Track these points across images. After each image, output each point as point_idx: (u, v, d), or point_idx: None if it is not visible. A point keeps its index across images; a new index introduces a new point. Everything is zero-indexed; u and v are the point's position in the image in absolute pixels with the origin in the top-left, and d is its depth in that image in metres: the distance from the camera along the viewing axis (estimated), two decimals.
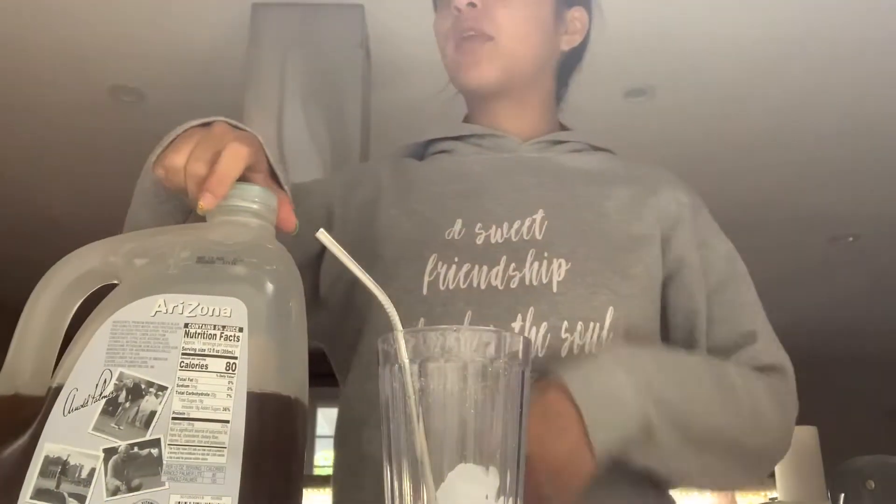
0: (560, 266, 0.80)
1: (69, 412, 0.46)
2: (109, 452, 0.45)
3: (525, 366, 0.46)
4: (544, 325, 0.77)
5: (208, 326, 0.47)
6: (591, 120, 2.95)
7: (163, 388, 0.46)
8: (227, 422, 0.46)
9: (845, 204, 3.70)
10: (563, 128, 1.01)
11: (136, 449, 0.45)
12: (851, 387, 6.11)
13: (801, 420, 0.93)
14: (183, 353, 0.47)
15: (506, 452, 0.44)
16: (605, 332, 0.78)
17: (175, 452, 0.45)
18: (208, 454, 0.45)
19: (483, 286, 0.79)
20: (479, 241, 0.82)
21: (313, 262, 0.87)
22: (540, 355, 0.75)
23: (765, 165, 3.34)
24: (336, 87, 2.27)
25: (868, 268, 4.52)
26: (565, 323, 0.77)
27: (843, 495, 1.53)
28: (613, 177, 0.94)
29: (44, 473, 0.45)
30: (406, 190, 0.89)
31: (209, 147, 0.58)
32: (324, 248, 0.73)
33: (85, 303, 0.54)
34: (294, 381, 0.50)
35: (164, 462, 0.45)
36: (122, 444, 0.45)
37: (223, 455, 0.45)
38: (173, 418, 0.46)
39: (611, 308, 0.79)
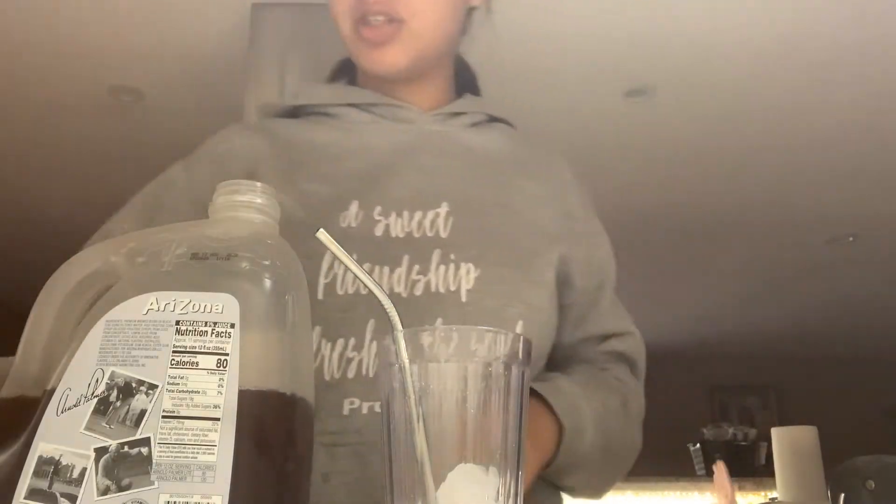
0: (469, 272, 0.74)
1: (62, 412, 0.46)
2: (100, 452, 0.45)
3: (525, 366, 0.46)
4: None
5: (199, 323, 0.47)
6: (591, 120, 2.96)
7: (153, 387, 0.46)
8: (218, 419, 0.45)
9: (845, 204, 3.70)
10: (458, 96, 0.91)
11: (126, 448, 0.45)
12: (851, 387, 6.11)
13: (801, 420, 0.93)
14: (174, 351, 0.46)
15: (506, 452, 0.43)
16: None
17: (165, 451, 0.45)
18: (199, 452, 0.45)
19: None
20: (379, 231, 0.75)
21: None
22: None
23: (764, 165, 3.34)
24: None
25: (868, 268, 4.52)
26: None
27: (842, 495, 1.53)
28: (518, 164, 0.87)
29: (37, 473, 0.45)
30: (292, 166, 0.77)
31: None
32: None
33: None
34: (295, 378, 0.49)
35: (154, 461, 0.44)
36: (112, 444, 0.45)
37: (213, 453, 0.45)
38: (163, 416, 0.45)
39: (521, 322, 0.74)
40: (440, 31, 0.82)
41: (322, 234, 0.48)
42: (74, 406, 0.46)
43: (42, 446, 0.45)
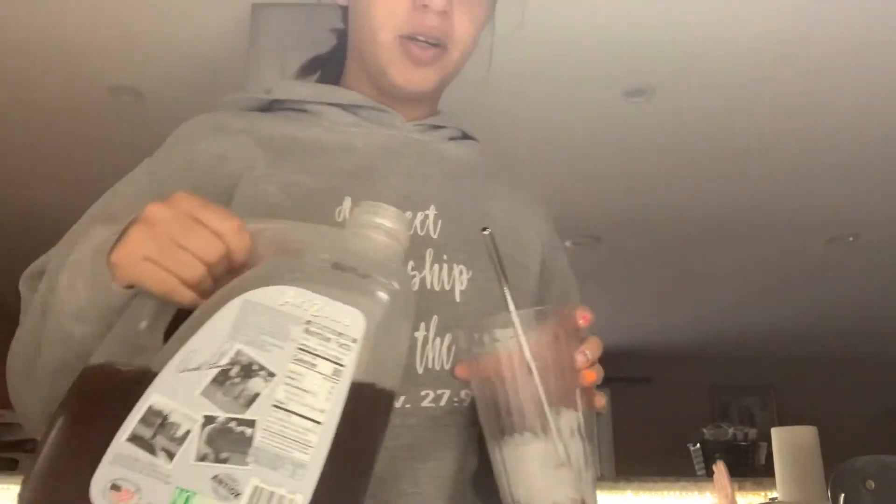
0: (462, 273, 0.75)
1: (183, 371, 0.48)
2: (208, 420, 0.47)
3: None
4: (448, 336, 0.72)
5: (327, 329, 0.49)
6: (591, 120, 2.96)
7: (272, 375, 0.48)
8: (320, 423, 0.47)
9: (845, 204, 3.70)
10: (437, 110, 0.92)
11: (232, 424, 0.46)
12: (851, 387, 6.11)
13: (801, 420, 0.93)
14: (298, 348, 0.48)
15: (575, 393, 0.59)
16: None
17: (266, 438, 0.46)
18: (295, 448, 0.46)
19: None
20: None
21: None
22: (446, 368, 0.71)
23: (764, 165, 3.34)
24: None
25: (868, 268, 4.52)
26: None
27: (842, 495, 1.53)
28: (491, 175, 0.88)
29: (144, 421, 0.46)
30: (280, 159, 0.76)
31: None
32: None
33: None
34: (391, 384, 0.53)
35: (254, 444, 0.46)
36: (222, 416, 0.46)
37: (308, 454, 0.46)
38: (273, 405, 0.47)
39: None
40: (466, 57, 0.83)
41: (488, 235, 0.58)
42: (195, 369, 0.48)
43: (155, 397, 0.47)
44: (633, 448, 5.56)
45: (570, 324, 0.61)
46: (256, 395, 0.47)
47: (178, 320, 0.53)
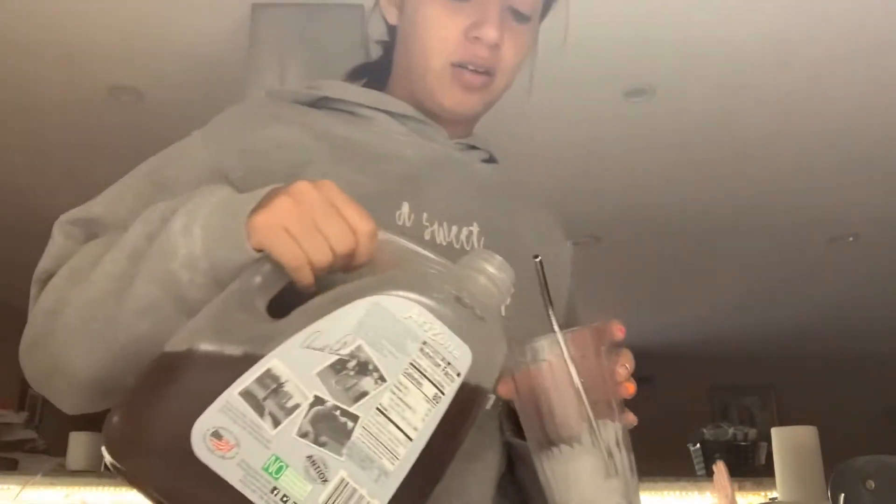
0: None
1: (306, 347, 0.50)
2: (318, 401, 0.48)
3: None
4: None
5: (438, 355, 0.52)
6: (591, 120, 2.95)
7: (383, 379, 0.50)
8: (411, 440, 0.50)
9: (845, 204, 3.70)
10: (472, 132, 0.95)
11: (337, 412, 0.48)
12: (851, 387, 6.11)
13: (801, 420, 0.94)
14: (410, 363, 0.51)
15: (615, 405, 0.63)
16: None
17: (363, 436, 0.48)
18: (385, 456, 0.49)
19: None
20: (427, 235, 0.76)
21: None
22: None
23: (765, 165, 3.34)
24: None
25: (868, 268, 4.52)
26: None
27: (842, 495, 1.53)
28: (515, 194, 0.91)
29: (259, 381, 0.48)
30: (340, 157, 0.77)
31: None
32: None
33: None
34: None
35: (352, 438, 0.48)
36: (331, 401, 0.48)
37: (394, 465, 0.49)
38: (377, 408, 0.49)
39: None
40: (508, 88, 0.86)
41: (538, 263, 0.62)
42: (318, 350, 0.50)
43: (275, 362, 0.48)
44: (632, 447, 5.56)
45: (607, 337, 0.64)
46: (365, 394, 0.49)
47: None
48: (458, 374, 0.52)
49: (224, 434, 0.46)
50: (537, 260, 0.64)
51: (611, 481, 0.60)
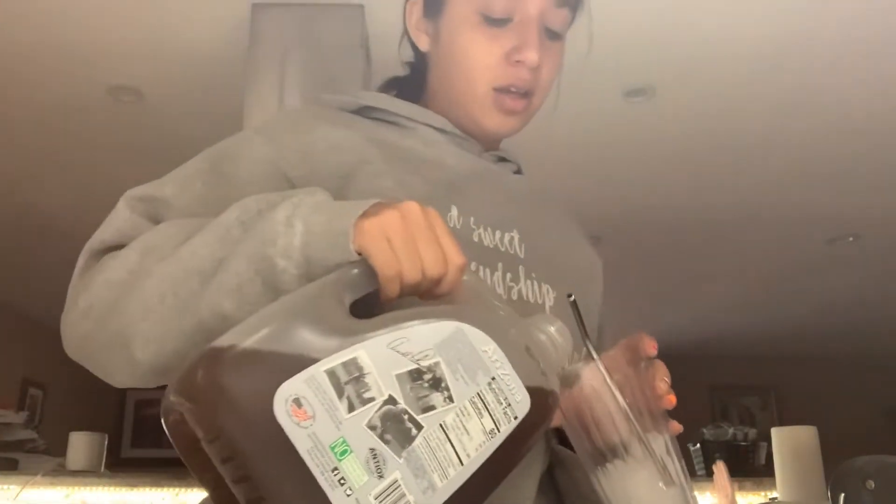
0: (548, 291, 0.81)
1: (391, 348, 0.53)
2: (391, 401, 0.51)
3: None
4: None
5: (502, 394, 0.55)
6: (591, 120, 2.95)
7: (451, 399, 0.53)
8: (461, 465, 0.52)
9: (845, 204, 3.70)
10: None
11: (406, 416, 0.51)
12: (851, 387, 6.11)
13: (801, 420, 0.94)
14: (477, 393, 0.54)
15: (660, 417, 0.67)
16: None
17: (422, 446, 0.51)
18: (436, 472, 0.51)
19: None
20: (475, 238, 0.78)
21: None
22: None
23: (764, 165, 3.34)
24: (336, 87, 2.27)
25: (868, 268, 4.52)
26: None
27: (842, 495, 1.53)
28: (542, 205, 0.94)
29: (345, 365, 0.50)
30: (391, 159, 0.79)
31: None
32: None
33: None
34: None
35: (413, 444, 0.51)
36: (402, 405, 0.51)
37: (441, 483, 0.51)
38: (440, 425, 0.52)
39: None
40: (544, 100, 0.89)
41: (573, 302, 0.66)
42: (401, 355, 0.53)
43: (362, 353, 0.51)
44: None
45: (641, 353, 0.68)
46: (433, 408, 0.52)
47: None
48: (516, 418, 0.55)
49: (304, 404, 0.48)
50: (571, 299, 0.68)
51: (671, 490, 0.63)
